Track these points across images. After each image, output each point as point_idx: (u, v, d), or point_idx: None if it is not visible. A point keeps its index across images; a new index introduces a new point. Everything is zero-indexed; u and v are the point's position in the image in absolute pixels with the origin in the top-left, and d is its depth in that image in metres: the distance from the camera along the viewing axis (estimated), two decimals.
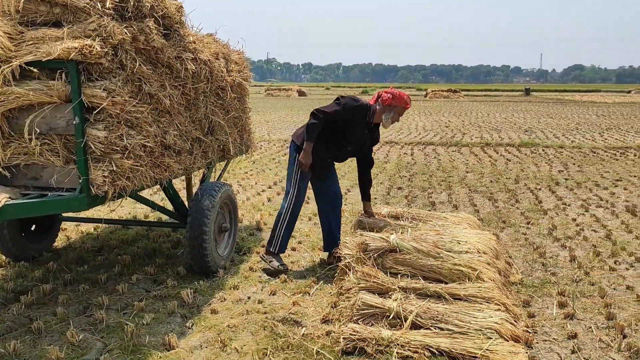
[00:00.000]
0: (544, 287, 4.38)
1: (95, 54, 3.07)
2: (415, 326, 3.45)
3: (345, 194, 7.59)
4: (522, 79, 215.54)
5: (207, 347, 3.41)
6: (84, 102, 3.15)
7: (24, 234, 4.92)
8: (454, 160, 11.38)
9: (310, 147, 4.51)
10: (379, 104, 4.71)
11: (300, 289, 4.31)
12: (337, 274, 4.23)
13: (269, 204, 7.29)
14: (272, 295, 4.25)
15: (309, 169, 4.62)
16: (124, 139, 3.31)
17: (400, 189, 8.32)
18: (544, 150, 12.95)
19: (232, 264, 4.91)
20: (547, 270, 4.77)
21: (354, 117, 4.61)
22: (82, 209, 3.32)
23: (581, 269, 4.74)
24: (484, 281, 3.85)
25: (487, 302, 3.66)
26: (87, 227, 6.05)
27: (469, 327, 3.41)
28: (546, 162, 10.98)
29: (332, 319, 3.75)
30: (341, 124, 4.60)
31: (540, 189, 8.31)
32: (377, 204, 6.51)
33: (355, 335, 3.35)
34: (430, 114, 25.85)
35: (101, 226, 6.06)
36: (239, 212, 6.41)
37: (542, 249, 5.29)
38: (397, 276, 3.89)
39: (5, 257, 4.93)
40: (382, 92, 4.74)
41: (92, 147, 3.21)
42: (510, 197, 7.73)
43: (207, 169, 4.99)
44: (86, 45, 3.04)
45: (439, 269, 3.95)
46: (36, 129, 3.21)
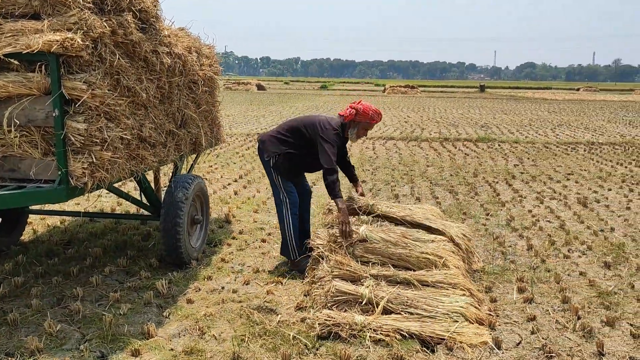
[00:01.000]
0: (504, 274, 4.63)
1: (76, 47, 3.11)
2: (386, 311, 3.64)
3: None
4: (477, 76, 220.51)
5: (186, 335, 3.50)
6: (64, 94, 3.18)
7: None
8: (414, 154, 11.67)
9: (344, 204, 4.32)
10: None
11: (273, 279, 4.43)
12: (310, 263, 4.37)
13: (236, 197, 7.37)
14: (246, 285, 4.35)
15: (291, 175, 4.62)
16: (104, 131, 3.35)
17: (364, 182, 8.51)
18: (499, 145, 13.41)
19: (204, 255, 4.98)
20: (506, 258, 5.03)
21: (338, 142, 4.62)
22: (61, 201, 3.34)
23: (538, 257, 5.03)
24: (449, 268, 4.07)
25: (453, 288, 3.88)
26: (54, 220, 6.00)
27: (437, 312, 3.62)
28: (502, 157, 11.40)
29: (306, 307, 3.89)
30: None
31: (497, 182, 8.65)
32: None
33: (329, 320, 3.50)
34: (389, 109, 26.24)
35: (68, 219, 6.02)
36: None
37: (501, 238, 5.57)
38: (369, 264, 4.06)
39: None
40: (349, 106, 4.65)
41: (72, 139, 3.23)
42: (469, 190, 8.03)
43: (180, 161, 5.04)
44: (68, 38, 3.07)
45: (407, 257, 4.14)
46: (15, 121, 3.22)
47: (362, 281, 3.89)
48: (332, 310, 3.66)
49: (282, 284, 4.37)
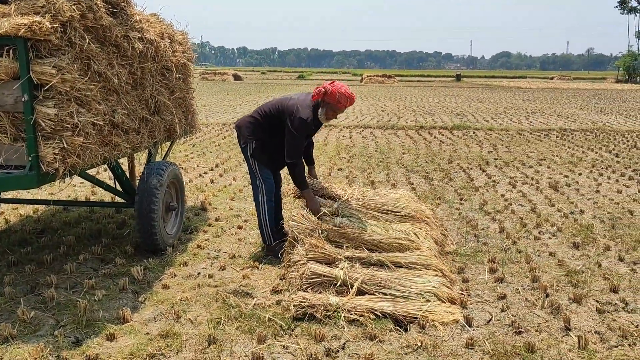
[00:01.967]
0: (477, 255, 4.72)
1: (44, 31, 3.07)
2: (360, 292, 3.69)
3: None
4: (453, 65, 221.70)
5: (161, 319, 3.51)
6: (32, 79, 3.15)
7: None
8: (390, 142, 11.75)
9: (310, 194, 4.46)
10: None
11: (249, 264, 4.46)
12: (285, 247, 4.40)
13: (212, 185, 7.36)
14: (222, 270, 4.37)
15: (269, 162, 4.63)
16: (74, 116, 3.32)
17: (340, 169, 8.56)
18: (474, 132, 13.57)
19: (180, 242, 4.98)
20: (479, 240, 5.13)
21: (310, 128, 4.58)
22: (33, 187, 3.31)
23: (509, 239, 5.13)
24: (422, 250, 4.14)
25: (426, 269, 3.96)
26: (27, 210, 5.93)
27: (410, 292, 3.69)
28: (477, 144, 11.54)
29: (282, 290, 3.93)
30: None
31: (471, 168, 8.77)
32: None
33: (305, 302, 3.54)
34: (366, 98, 26.32)
35: (41, 208, 5.95)
36: None
37: (474, 222, 5.67)
38: (343, 247, 4.11)
39: None
40: (322, 85, 4.52)
41: (42, 125, 3.20)
42: (444, 176, 8.13)
43: (153, 148, 5.01)
44: (35, 22, 3.04)
45: (379, 244, 4.20)
46: None
47: (336, 263, 3.94)
48: (307, 292, 3.70)
49: (258, 268, 4.40)
